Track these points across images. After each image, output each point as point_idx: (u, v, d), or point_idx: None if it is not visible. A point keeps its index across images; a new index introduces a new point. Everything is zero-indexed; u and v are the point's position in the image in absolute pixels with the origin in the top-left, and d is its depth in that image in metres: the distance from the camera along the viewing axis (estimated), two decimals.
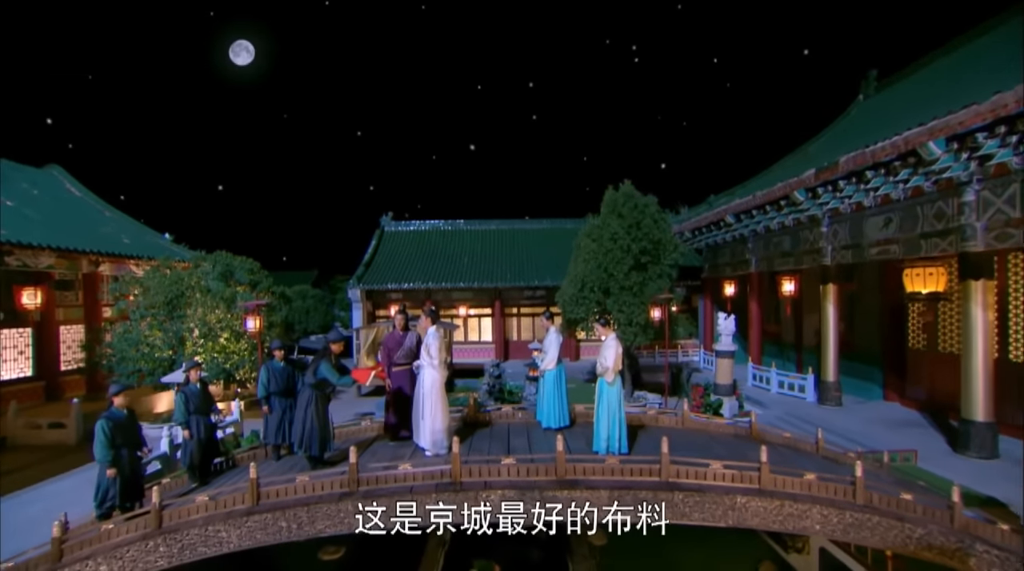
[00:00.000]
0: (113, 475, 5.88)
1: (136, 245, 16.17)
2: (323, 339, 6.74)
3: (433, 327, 6.62)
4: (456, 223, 26.71)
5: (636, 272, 16.12)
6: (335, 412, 13.86)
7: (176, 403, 7.12)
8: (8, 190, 15.47)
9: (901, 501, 5.32)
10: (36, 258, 13.49)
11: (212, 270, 15.22)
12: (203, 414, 7.26)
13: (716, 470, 5.59)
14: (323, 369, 6.30)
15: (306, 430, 6.26)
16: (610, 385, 6.34)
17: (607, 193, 17.11)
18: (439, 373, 6.55)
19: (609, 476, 5.58)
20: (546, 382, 7.55)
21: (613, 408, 6.30)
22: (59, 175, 18.20)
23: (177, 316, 13.99)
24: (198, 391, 7.25)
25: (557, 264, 22.92)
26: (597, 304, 16.18)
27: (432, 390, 6.49)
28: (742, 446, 7.24)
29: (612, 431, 6.28)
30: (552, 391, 7.46)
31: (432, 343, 6.46)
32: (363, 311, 22.56)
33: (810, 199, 12.77)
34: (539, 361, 7.74)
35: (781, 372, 15.05)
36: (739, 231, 16.66)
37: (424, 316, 6.66)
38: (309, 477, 5.58)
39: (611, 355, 6.25)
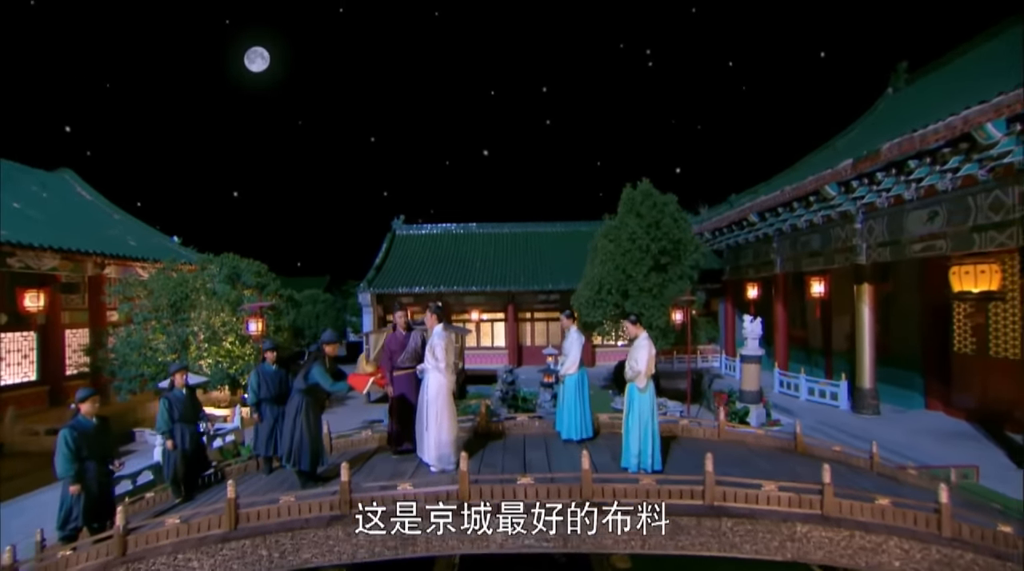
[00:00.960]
0: (77, 492, 5.11)
1: (142, 247, 15.61)
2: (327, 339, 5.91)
3: (439, 326, 5.79)
4: (468, 226, 25.96)
5: (656, 273, 15.18)
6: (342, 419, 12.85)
7: (159, 410, 6.34)
8: (16, 192, 15.01)
9: (998, 534, 4.33)
10: (39, 260, 12.92)
11: (219, 272, 14.58)
12: (189, 422, 6.48)
13: (770, 492, 4.66)
14: (315, 373, 5.49)
15: (295, 442, 5.43)
16: (642, 392, 5.44)
17: (625, 192, 16.23)
18: (446, 378, 5.70)
19: (644, 499, 4.66)
20: (566, 389, 6.65)
21: (645, 418, 5.39)
22: (70, 179, 17.77)
23: (181, 319, 13.35)
24: (184, 397, 6.48)
25: (572, 267, 22.02)
26: (615, 307, 15.25)
27: (438, 397, 5.65)
28: (788, 461, 6.29)
29: (644, 445, 5.37)
30: (573, 399, 6.57)
31: (438, 344, 5.62)
32: (373, 315, 21.85)
33: (843, 194, 11.77)
34: (555, 366, 6.90)
35: (811, 378, 13.98)
36: (763, 230, 15.66)
37: (430, 313, 5.83)
38: (295, 497, 4.75)
39: (643, 357, 5.36)
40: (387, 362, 6.46)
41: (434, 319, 5.78)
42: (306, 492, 4.97)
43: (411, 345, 6.46)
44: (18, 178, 15.96)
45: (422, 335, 6.56)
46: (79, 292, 14.77)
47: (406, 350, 6.44)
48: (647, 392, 5.45)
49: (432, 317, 5.79)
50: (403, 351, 6.44)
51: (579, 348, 6.60)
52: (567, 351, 6.67)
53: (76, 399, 5.38)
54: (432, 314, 5.80)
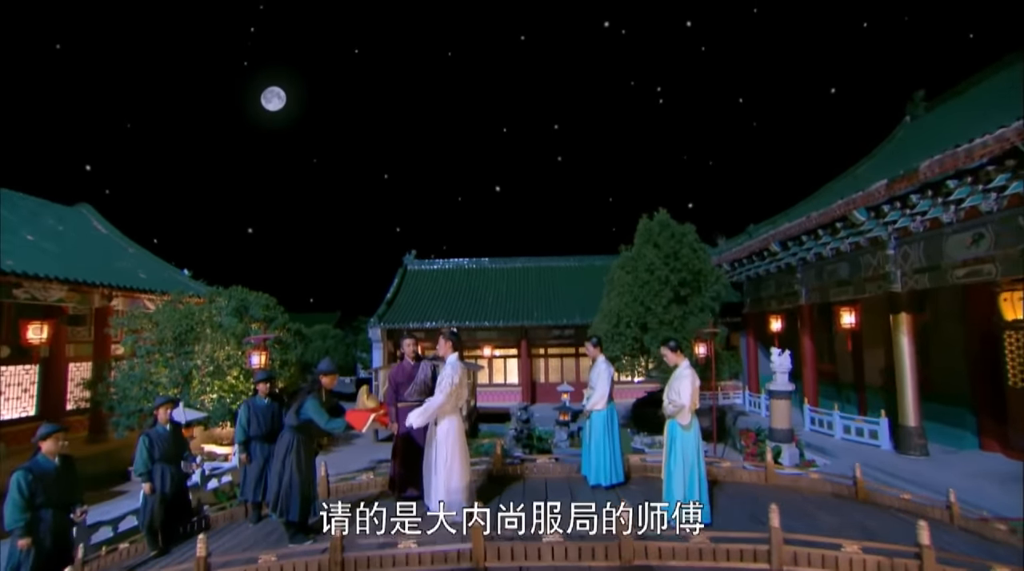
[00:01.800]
0: (26, 547, 4.30)
1: (152, 280, 15.15)
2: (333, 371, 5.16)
3: (454, 355, 5.01)
4: (480, 261, 25.40)
5: (676, 305, 14.35)
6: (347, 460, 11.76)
7: (138, 449, 5.57)
8: (32, 225, 14.75)
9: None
10: (46, 291, 12.44)
11: (227, 305, 13.99)
12: (171, 462, 5.70)
13: (852, 554, 3.73)
14: (308, 408, 4.71)
15: (283, 487, 4.60)
16: (685, 429, 4.58)
17: (641, 222, 15.60)
18: (457, 415, 4.89)
19: (697, 561, 3.76)
20: (593, 426, 5.79)
21: (691, 461, 4.52)
22: (87, 213, 17.58)
23: (185, 352, 12.68)
24: (167, 434, 5.72)
25: (587, 301, 21.23)
26: (634, 340, 14.36)
27: (448, 436, 4.83)
28: (852, 512, 5.32)
29: (690, 493, 4.48)
30: (602, 438, 5.70)
31: (450, 375, 4.83)
32: (384, 351, 21.08)
33: (872, 219, 11.00)
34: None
35: (846, 415, 12.86)
36: (786, 260, 14.84)
37: (444, 340, 5.06)
38: (276, 556, 3.90)
39: (687, 388, 4.54)
40: (392, 396, 5.67)
41: (448, 347, 5.00)
42: (291, 549, 4.13)
43: (420, 377, 5.68)
44: (37, 212, 15.77)
45: (432, 367, 5.79)
46: (85, 324, 14.24)
47: (414, 382, 5.66)
48: (692, 430, 4.59)
49: (446, 344, 5.02)
50: (410, 384, 5.65)
51: (608, 380, 5.78)
52: (594, 383, 5.85)
53: (36, 436, 4.65)
54: (446, 341, 5.02)
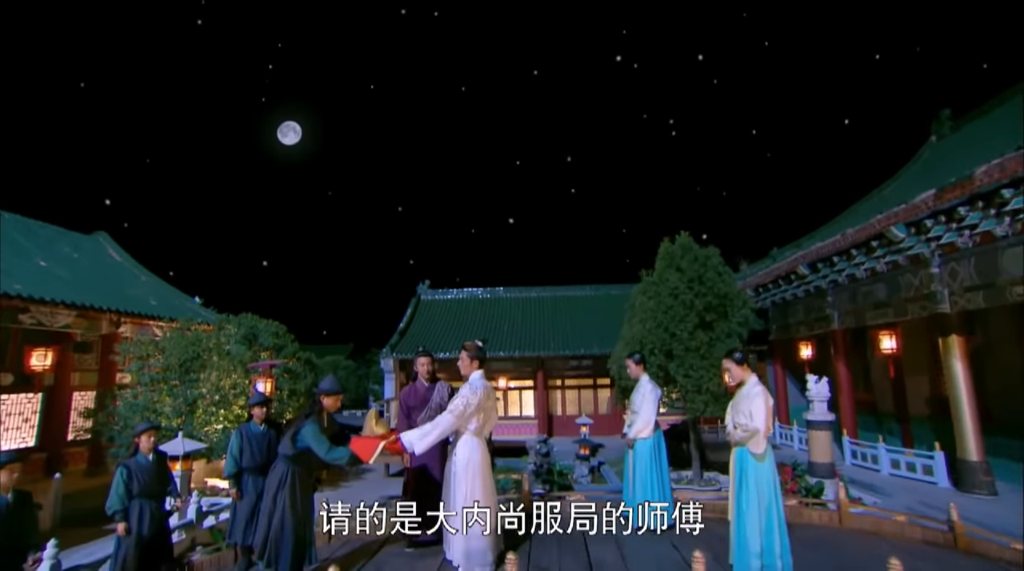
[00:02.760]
0: None
1: (161, 307, 14.59)
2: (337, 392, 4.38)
3: (478, 373, 4.20)
4: (495, 291, 24.68)
5: (702, 331, 13.43)
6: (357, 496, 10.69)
7: (114, 482, 4.76)
8: (47, 252, 14.39)
9: None
10: (53, 316, 11.88)
11: (236, 333, 13.33)
12: (152, 499, 4.88)
13: None
14: (306, 435, 3.90)
15: (272, 529, 3.76)
16: (759, 460, 3.69)
17: (663, 245, 14.82)
18: (482, 443, 4.05)
19: None
20: (638, 458, 4.90)
21: (767, 499, 3.61)
22: (103, 241, 17.29)
23: (190, 380, 11.95)
24: (149, 466, 4.92)
25: (604, 331, 20.31)
26: (659, 368, 13.37)
27: (468, 468, 3.98)
28: (959, 565, 4.30)
29: (769, 539, 3.55)
30: (649, 471, 4.80)
31: (466, 395, 4.01)
32: (396, 382, 20.19)
33: (913, 235, 10.14)
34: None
35: (893, 448, 11.65)
36: (815, 283, 13.91)
37: (466, 356, 4.25)
38: None
39: (761, 409, 3.68)
40: (403, 422, 4.84)
41: (473, 364, 4.19)
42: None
43: (435, 400, 4.86)
44: (54, 239, 15.49)
45: (450, 389, 4.98)
46: (92, 352, 13.62)
47: (428, 406, 4.84)
48: (767, 460, 3.70)
49: (470, 361, 4.20)
50: (424, 407, 4.83)
51: (654, 403, 4.91)
52: (637, 407, 4.98)
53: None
54: (470, 357, 4.20)
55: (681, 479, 13.77)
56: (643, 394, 4.99)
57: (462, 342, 4.30)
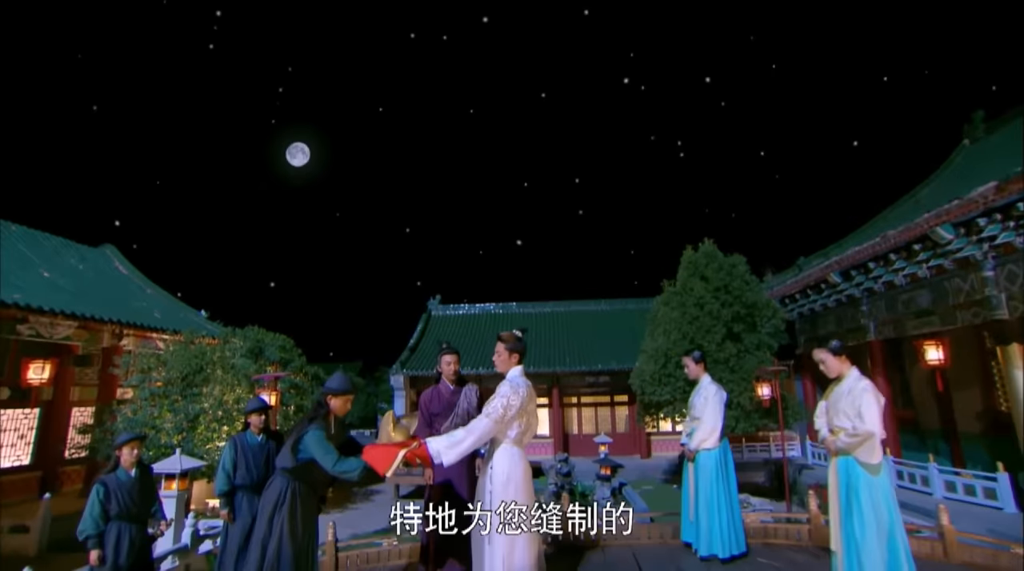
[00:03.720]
0: None
1: (165, 319, 14.02)
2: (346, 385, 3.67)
3: (517, 370, 3.49)
4: (508, 306, 23.98)
5: (731, 342, 12.63)
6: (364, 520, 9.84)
7: (89, 502, 4.08)
8: (51, 263, 13.94)
9: None
10: (52, 328, 11.32)
11: (241, 346, 12.70)
12: (134, 521, 4.19)
13: None
14: (310, 442, 3.19)
15: (267, 560, 3.04)
16: (874, 473, 2.93)
17: (686, 254, 14.16)
18: (523, 453, 3.33)
19: None
20: (701, 473, 4.13)
21: (887, 522, 2.85)
22: (110, 254, 16.86)
23: (192, 394, 11.29)
24: (131, 483, 4.23)
25: (621, 347, 19.50)
26: (685, 382, 12.55)
27: (509, 485, 3.26)
28: None
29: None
30: (715, 489, 4.03)
31: (506, 394, 3.30)
32: (406, 400, 19.41)
33: (962, 236, 9.38)
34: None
35: (946, 469, 10.67)
36: (848, 292, 13.11)
37: (503, 348, 3.53)
38: None
39: (873, 408, 2.95)
40: (424, 431, 4.11)
41: (512, 358, 3.47)
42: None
43: (463, 405, 4.14)
44: (59, 251, 15.08)
45: (479, 392, 4.28)
46: (93, 365, 13.01)
47: (455, 413, 4.12)
48: (882, 473, 2.93)
49: (508, 354, 3.48)
50: (449, 414, 4.11)
51: (720, 407, 4.16)
52: (699, 411, 4.23)
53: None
54: (508, 350, 3.48)
55: None
56: (705, 397, 4.24)
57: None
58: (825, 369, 3.37)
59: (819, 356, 3.36)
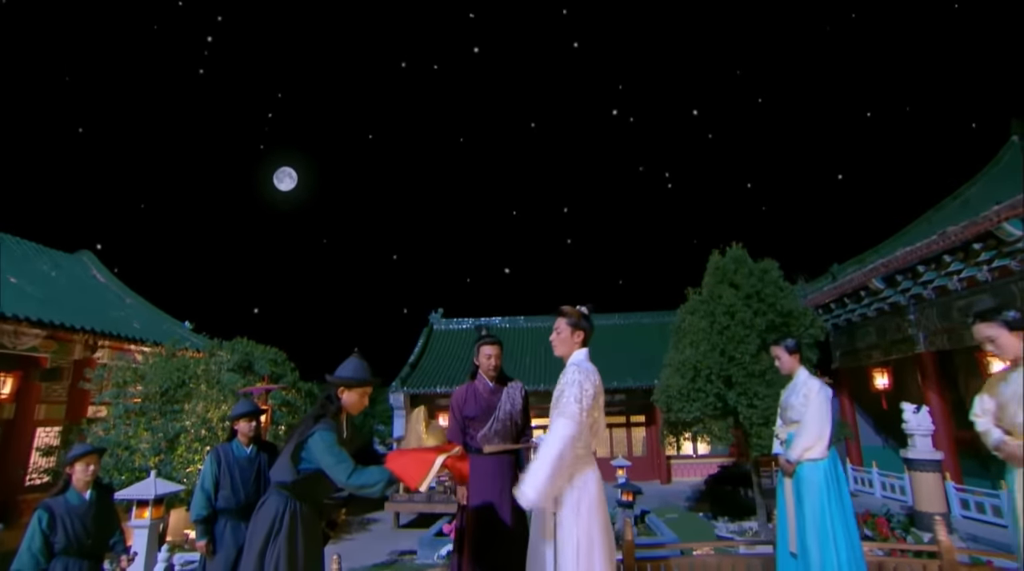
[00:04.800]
0: None
1: (145, 330, 13.29)
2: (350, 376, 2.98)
3: (582, 353, 2.87)
4: (515, 320, 23.28)
5: (766, 353, 11.93)
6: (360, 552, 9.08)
7: (28, 532, 3.34)
8: (21, 269, 13.26)
9: None
10: (16, 337, 10.60)
11: (228, 359, 11.96)
12: (87, 557, 3.46)
13: None
14: (316, 449, 2.52)
15: None
16: None
17: (712, 258, 13.52)
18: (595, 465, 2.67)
19: None
20: (806, 489, 3.44)
21: None
22: (87, 261, 16.20)
23: (172, 412, 10.51)
24: (84, 508, 3.51)
25: (637, 363, 18.77)
26: (717, 398, 11.79)
27: (579, 509, 2.61)
28: None
29: None
30: (827, 512, 3.33)
31: (578, 381, 2.67)
32: (406, 420, 18.55)
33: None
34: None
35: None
36: (893, 299, 12.47)
37: (565, 325, 2.91)
38: None
39: None
40: (456, 438, 3.42)
41: (575, 337, 2.87)
42: None
43: (504, 408, 3.48)
44: (31, 257, 14.41)
45: (524, 391, 3.62)
46: (63, 380, 12.21)
47: (495, 417, 3.45)
48: None
49: (570, 332, 2.88)
50: (488, 418, 3.44)
51: (826, 406, 3.47)
52: (797, 413, 3.58)
53: None
54: (571, 327, 2.88)
55: (744, 531, 12.08)
56: (805, 394, 3.56)
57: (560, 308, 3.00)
58: (996, 349, 2.70)
59: (987, 333, 2.70)
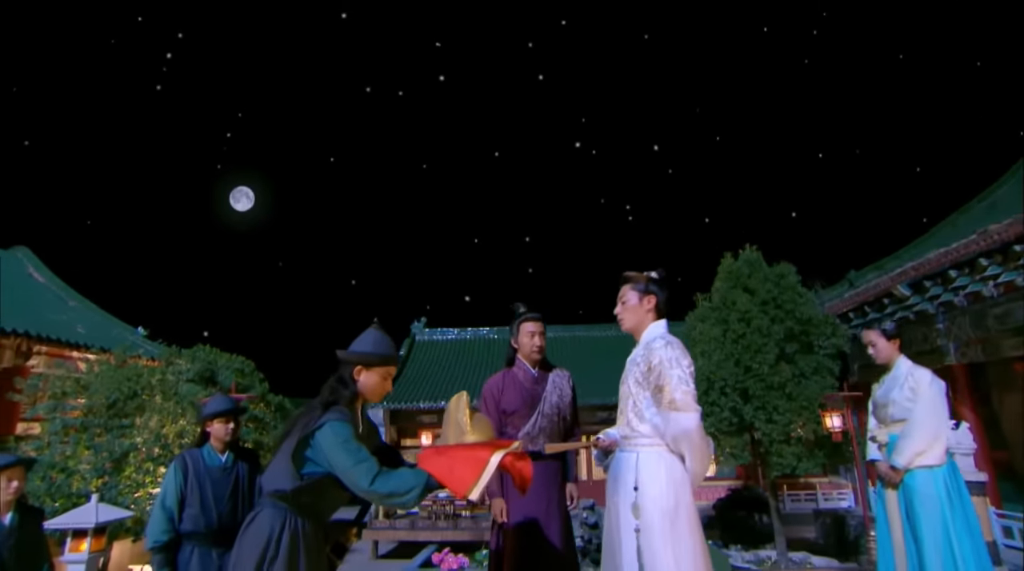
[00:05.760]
0: None
1: (91, 335, 12.43)
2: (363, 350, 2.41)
3: (661, 324, 2.47)
4: (503, 331, 22.73)
5: (786, 365, 11.62)
6: None
7: None
8: None
9: None
10: None
11: (188, 368, 11.24)
12: None
13: None
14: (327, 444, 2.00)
15: None
16: None
17: (724, 262, 13.22)
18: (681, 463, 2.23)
19: None
20: (923, 504, 2.99)
21: None
22: (23, 257, 15.22)
23: (120, 427, 9.73)
24: (3, 535, 2.89)
25: None
26: (732, 412, 11.41)
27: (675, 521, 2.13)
28: None
29: None
30: (950, 530, 2.84)
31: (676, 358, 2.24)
32: (387, 438, 17.83)
33: None
34: (872, 451, 3.32)
35: None
36: (919, 307, 12.31)
37: (632, 292, 2.52)
38: None
39: None
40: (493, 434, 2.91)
41: (646, 304, 2.51)
42: None
43: (551, 400, 3.05)
44: None
45: (571, 380, 3.19)
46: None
47: (539, 411, 3.03)
48: None
49: (639, 300, 2.52)
50: (532, 413, 2.99)
51: (942, 402, 3.05)
52: (902, 409, 3.22)
53: None
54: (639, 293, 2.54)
55: (763, 561, 11.69)
56: (912, 387, 3.15)
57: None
58: None
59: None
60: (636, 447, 2.34)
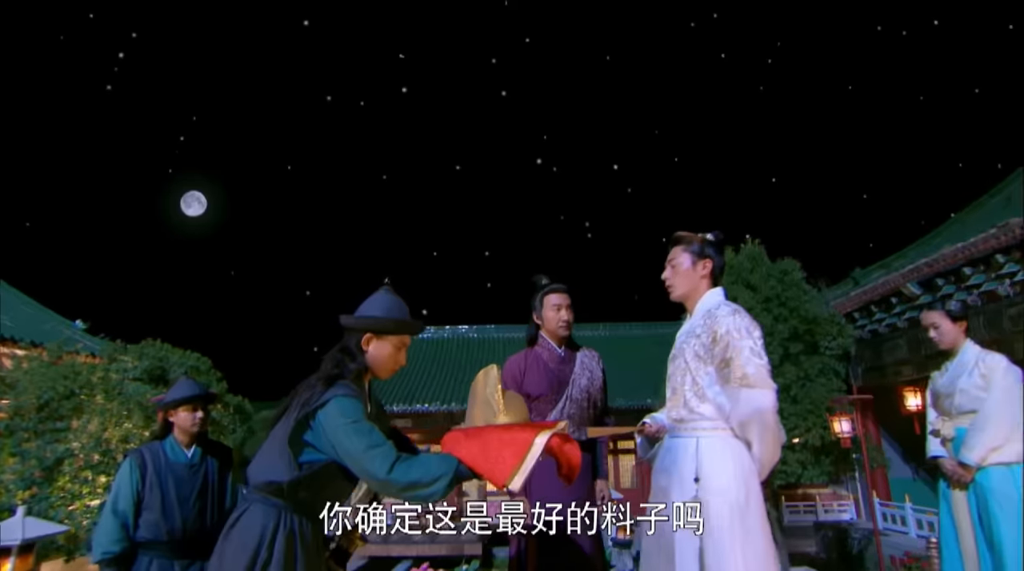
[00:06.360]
0: None
1: (19, 328, 11.80)
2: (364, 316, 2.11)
3: (719, 289, 2.26)
4: (485, 329, 22.66)
5: (791, 366, 11.61)
6: None
7: None
8: None
9: None
10: None
11: (134, 366, 10.75)
12: None
13: None
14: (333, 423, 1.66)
15: None
16: None
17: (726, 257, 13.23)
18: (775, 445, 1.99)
19: None
20: (1000, 504, 2.78)
21: None
22: None
23: (53, 431, 9.21)
24: None
25: (628, 380, 18.26)
26: None
27: (745, 514, 1.84)
28: None
29: None
30: None
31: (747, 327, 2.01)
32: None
33: None
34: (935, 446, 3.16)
35: None
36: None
37: (684, 253, 2.31)
38: None
39: None
40: None
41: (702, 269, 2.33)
42: None
43: (580, 383, 2.84)
44: None
45: (600, 360, 2.99)
46: None
47: (567, 395, 2.76)
48: None
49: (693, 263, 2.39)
50: (559, 396, 2.74)
51: (1018, 394, 2.89)
52: (971, 400, 3.04)
53: None
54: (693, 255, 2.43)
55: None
56: (983, 374, 2.97)
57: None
58: None
59: None
60: (695, 432, 2.10)
